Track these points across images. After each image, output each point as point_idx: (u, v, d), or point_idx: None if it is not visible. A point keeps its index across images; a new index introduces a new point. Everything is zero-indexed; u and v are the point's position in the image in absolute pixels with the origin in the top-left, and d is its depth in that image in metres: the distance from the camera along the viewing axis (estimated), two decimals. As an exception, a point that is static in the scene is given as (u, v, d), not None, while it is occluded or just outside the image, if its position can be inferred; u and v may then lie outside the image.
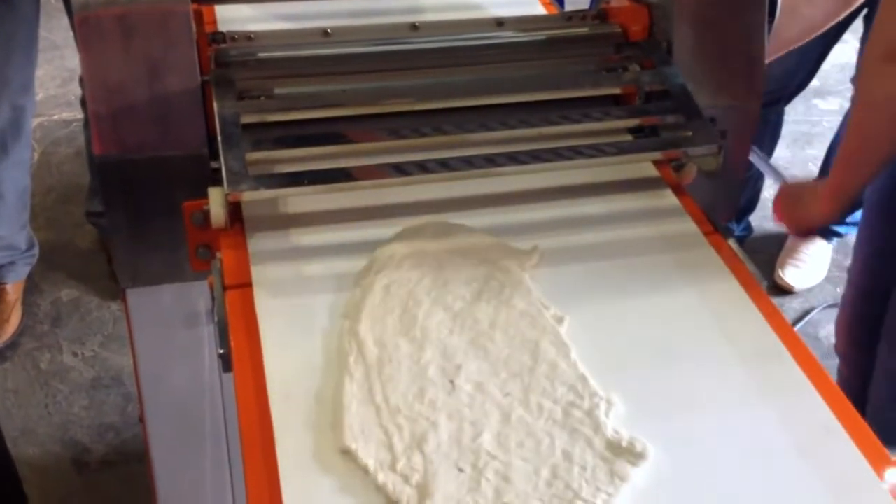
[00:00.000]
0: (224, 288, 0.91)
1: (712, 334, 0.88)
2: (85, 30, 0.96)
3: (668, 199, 1.05)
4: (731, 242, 1.03)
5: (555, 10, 1.35)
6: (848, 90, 2.86)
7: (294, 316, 0.87)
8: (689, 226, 1.02)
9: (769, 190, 2.33)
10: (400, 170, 0.96)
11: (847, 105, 2.88)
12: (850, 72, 2.32)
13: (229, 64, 1.04)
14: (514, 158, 0.98)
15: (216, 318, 0.88)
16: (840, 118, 2.71)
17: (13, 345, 2.00)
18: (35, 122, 2.75)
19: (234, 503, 1.04)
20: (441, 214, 1.00)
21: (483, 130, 1.02)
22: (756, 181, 2.31)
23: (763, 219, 2.42)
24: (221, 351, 0.86)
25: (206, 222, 0.97)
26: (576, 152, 0.99)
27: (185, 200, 0.97)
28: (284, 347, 0.84)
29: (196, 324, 1.11)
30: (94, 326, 2.08)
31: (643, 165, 1.09)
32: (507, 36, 1.14)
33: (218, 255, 0.95)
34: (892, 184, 1.35)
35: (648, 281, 0.94)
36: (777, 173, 1.66)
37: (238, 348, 0.84)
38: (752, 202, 2.38)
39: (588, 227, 1.01)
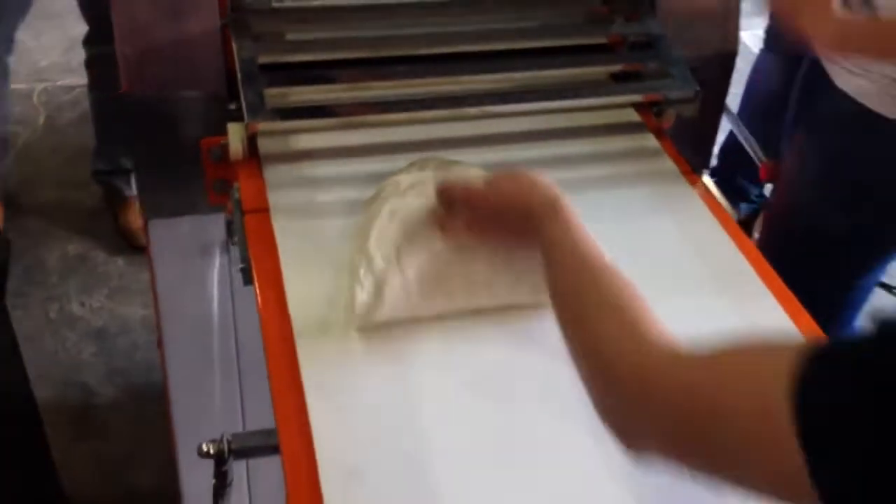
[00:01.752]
0: (243, 213, 0.99)
1: (684, 254, 0.97)
2: (114, -26, 1.04)
3: (649, 141, 1.14)
4: (707, 180, 1.13)
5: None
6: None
7: (308, 236, 0.96)
8: (667, 164, 1.11)
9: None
10: (407, 105, 1.05)
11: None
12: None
13: (245, 10, 1.12)
14: (515, 96, 1.08)
15: (236, 238, 0.97)
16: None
17: (23, 294, 2.08)
18: (40, 86, 2.84)
19: (244, 415, 1.13)
20: (441, 151, 1.08)
21: (485, 72, 1.11)
22: None
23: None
24: (242, 265, 0.95)
25: (223, 157, 1.05)
26: (572, 91, 1.09)
27: (203, 138, 1.05)
28: (299, 261, 0.92)
29: (211, 253, 1.19)
30: (101, 280, 2.16)
31: (626, 111, 1.17)
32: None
33: (236, 184, 1.03)
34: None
35: (628, 210, 1.03)
36: (748, 137, 1.75)
37: (258, 263, 0.93)
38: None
39: (573, 165, 1.10)
